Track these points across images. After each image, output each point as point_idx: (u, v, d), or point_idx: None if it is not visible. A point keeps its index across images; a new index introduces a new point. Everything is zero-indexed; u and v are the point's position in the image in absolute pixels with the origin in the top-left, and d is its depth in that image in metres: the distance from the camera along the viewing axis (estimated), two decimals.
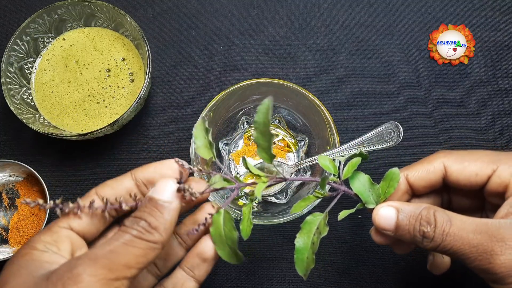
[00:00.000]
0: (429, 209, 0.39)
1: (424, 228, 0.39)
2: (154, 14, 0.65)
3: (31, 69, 0.61)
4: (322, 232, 0.42)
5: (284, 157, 0.60)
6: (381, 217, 0.41)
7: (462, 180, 0.42)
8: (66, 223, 0.37)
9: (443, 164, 0.43)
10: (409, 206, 0.40)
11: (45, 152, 0.62)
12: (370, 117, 0.62)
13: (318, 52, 0.64)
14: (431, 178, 0.43)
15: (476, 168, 0.41)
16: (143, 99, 0.58)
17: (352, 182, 0.44)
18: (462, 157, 0.43)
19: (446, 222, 0.38)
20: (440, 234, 0.38)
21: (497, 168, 0.41)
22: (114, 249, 0.34)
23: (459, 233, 0.38)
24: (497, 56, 0.63)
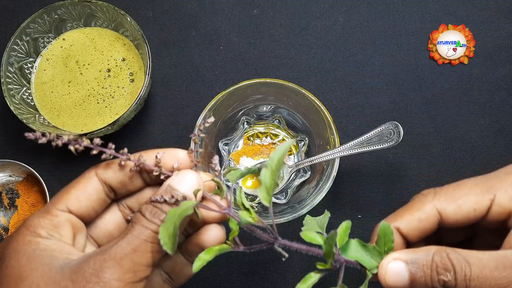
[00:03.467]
0: (441, 252, 0.35)
1: (444, 277, 0.35)
2: (154, 14, 0.65)
3: (31, 69, 0.61)
4: None
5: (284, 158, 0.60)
6: (391, 275, 0.36)
7: (461, 220, 0.38)
8: (64, 205, 0.36)
9: (435, 209, 0.38)
10: (417, 253, 0.36)
11: (45, 152, 0.62)
12: (370, 117, 0.62)
13: (318, 52, 0.64)
14: (426, 226, 0.39)
15: (472, 203, 0.38)
16: (143, 99, 0.58)
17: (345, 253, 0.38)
18: (452, 194, 0.38)
19: (465, 264, 0.34)
20: (463, 279, 0.34)
21: (495, 196, 0.37)
22: (137, 248, 0.33)
23: (482, 273, 0.34)
24: (497, 56, 0.63)
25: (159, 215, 0.34)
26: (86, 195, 0.36)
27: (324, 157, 0.53)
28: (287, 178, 0.59)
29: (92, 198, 0.37)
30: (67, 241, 0.35)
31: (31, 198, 0.60)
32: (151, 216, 0.34)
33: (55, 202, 0.36)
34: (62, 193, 0.36)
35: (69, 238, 0.35)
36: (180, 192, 0.35)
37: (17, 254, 0.33)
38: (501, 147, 0.61)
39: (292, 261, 0.58)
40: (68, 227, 0.35)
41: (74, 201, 0.36)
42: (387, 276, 0.36)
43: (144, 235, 0.33)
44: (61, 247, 0.34)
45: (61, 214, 0.35)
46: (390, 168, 0.61)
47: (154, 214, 0.34)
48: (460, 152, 0.61)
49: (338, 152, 0.53)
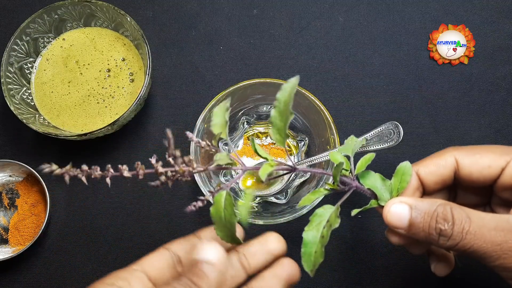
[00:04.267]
0: (445, 205, 0.37)
1: (441, 226, 0.37)
2: (154, 14, 0.65)
3: (31, 69, 0.61)
4: (333, 224, 0.39)
5: (284, 157, 0.60)
6: (393, 215, 0.39)
7: (475, 173, 0.41)
8: (140, 266, 0.38)
9: (454, 158, 0.41)
10: (423, 202, 0.38)
11: (45, 152, 0.62)
12: (370, 117, 0.62)
13: (318, 52, 0.64)
14: (443, 172, 0.41)
15: (489, 160, 0.40)
16: (143, 99, 0.58)
17: (363, 179, 0.42)
18: (474, 150, 0.41)
19: (465, 219, 0.36)
20: (459, 232, 0.36)
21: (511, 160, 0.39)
22: None
23: (479, 230, 0.36)
24: (497, 56, 0.63)
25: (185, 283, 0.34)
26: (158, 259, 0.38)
27: (324, 157, 0.53)
28: (287, 178, 0.59)
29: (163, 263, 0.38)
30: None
31: (31, 198, 0.60)
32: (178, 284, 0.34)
33: (132, 264, 0.38)
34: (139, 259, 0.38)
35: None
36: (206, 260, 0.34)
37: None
38: None
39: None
40: (139, 282, 0.36)
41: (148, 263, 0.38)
42: (389, 215, 0.39)
43: None
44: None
45: (135, 272, 0.37)
46: (390, 168, 0.61)
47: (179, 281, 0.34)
48: None
49: None
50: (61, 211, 0.61)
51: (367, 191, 0.42)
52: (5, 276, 0.60)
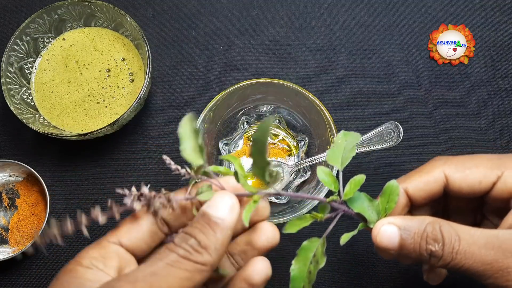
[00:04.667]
0: (434, 224, 0.36)
1: (432, 247, 0.36)
2: (154, 14, 0.65)
3: (31, 69, 0.61)
4: (320, 263, 0.38)
5: (284, 157, 0.60)
6: (382, 237, 0.38)
7: (465, 189, 0.39)
8: (115, 238, 0.35)
9: (443, 173, 0.40)
10: (411, 221, 0.37)
11: (45, 152, 0.62)
12: (370, 117, 0.62)
13: (318, 52, 0.64)
14: (432, 189, 0.40)
15: (480, 175, 0.39)
16: (143, 99, 0.58)
17: (350, 201, 0.40)
18: (463, 163, 0.40)
19: (455, 238, 0.35)
20: (450, 252, 0.35)
21: (502, 174, 0.38)
22: (156, 271, 0.31)
23: (470, 249, 0.35)
24: (497, 56, 0.63)
25: (188, 240, 0.32)
26: (137, 227, 0.36)
27: (324, 157, 0.53)
28: (287, 178, 0.59)
29: (143, 230, 0.36)
30: (110, 272, 0.34)
31: (31, 198, 0.60)
32: (180, 242, 0.33)
33: (108, 235, 0.36)
34: (116, 227, 0.36)
35: (114, 269, 0.34)
36: (216, 216, 0.33)
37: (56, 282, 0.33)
38: (501, 147, 0.61)
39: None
40: (115, 258, 0.34)
41: (126, 234, 0.35)
42: (378, 237, 0.38)
43: (169, 259, 0.32)
44: (99, 278, 0.33)
45: (110, 246, 0.35)
46: (390, 168, 0.61)
47: (183, 239, 0.33)
48: (460, 152, 0.61)
49: None
50: (61, 211, 0.61)
51: (354, 215, 0.40)
52: (5, 276, 0.60)
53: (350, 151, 0.40)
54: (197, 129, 0.35)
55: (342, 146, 0.41)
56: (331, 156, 0.41)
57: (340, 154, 0.41)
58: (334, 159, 0.41)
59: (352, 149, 0.40)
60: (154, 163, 0.61)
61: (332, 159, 0.41)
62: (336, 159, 0.41)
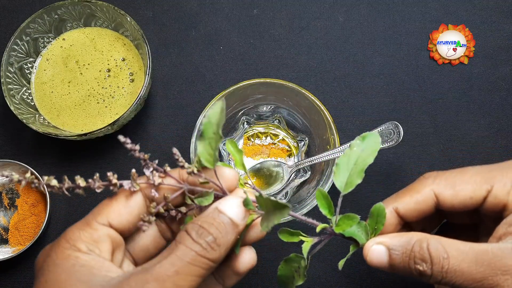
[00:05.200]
0: (421, 242, 0.36)
1: (420, 267, 0.36)
2: (154, 14, 0.65)
3: (31, 69, 0.61)
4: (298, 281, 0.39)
5: (284, 157, 0.60)
6: (372, 256, 0.38)
7: (457, 205, 0.39)
8: (105, 219, 0.35)
9: (433, 192, 0.40)
10: (400, 239, 0.37)
11: (45, 152, 0.62)
12: (370, 117, 0.62)
13: (318, 52, 0.64)
14: (422, 208, 0.40)
15: (469, 191, 0.38)
16: (143, 99, 0.58)
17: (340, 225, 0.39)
18: (453, 180, 0.39)
19: (443, 256, 0.35)
20: (439, 271, 0.35)
21: (492, 188, 0.38)
22: (180, 270, 0.32)
23: (459, 267, 0.35)
24: (497, 56, 0.63)
25: (205, 236, 0.33)
26: (128, 209, 0.35)
27: (324, 157, 0.53)
28: (287, 178, 0.59)
29: (134, 212, 0.36)
30: (106, 257, 0.34)
31: (31, 198, 0.60)
32: (197, 237, 0.33)
33: (96, 214, 0.35)
34: (103, 205, 0.35)
35: (108, 254, 0.34)
36: (228, 215, 0.34)
37: (56, 268, 0.33)
38: (501, 147, 0.61)
39: None
40: (107, 242, 0.34)
41: (116, 215, 0.35)
42: (368, 257, 0.38)
43: (188, 257, 0.32)
44: (100, 264, 0.33)
45: (101, 228, 0.34)
46: (390, 168, 0.61)
47: (200, 234, 0.33)
48: (460, 152, 0.61)
49: (338, 152, 0.53)
50: (61, 211, 0.61)
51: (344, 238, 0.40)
52: (5, 276, 0.60)
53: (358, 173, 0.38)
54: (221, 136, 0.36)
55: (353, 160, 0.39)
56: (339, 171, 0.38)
57: (348, 172, 0.39)
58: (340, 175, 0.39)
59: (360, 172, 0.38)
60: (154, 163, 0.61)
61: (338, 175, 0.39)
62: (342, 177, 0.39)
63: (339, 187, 0.38)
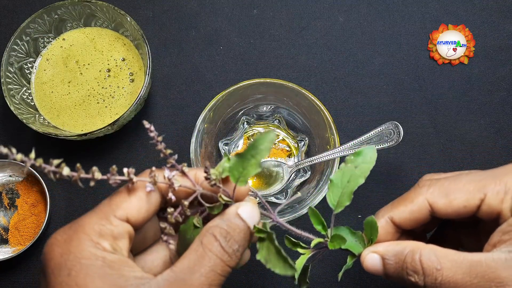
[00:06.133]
0: (414, 253, 0.36)
1: (412, 278, 0.36)
2: (154, 14, 0.65)
3: (31, 69, 0.61)
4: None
5: (284, 157, 0.60)
6: (368, 264, 0.39)
7: (452, 214, 0.39)
8: (124, 214, 0.34)
9: (427, 202, 0.40)
10: (394, 248, 0.38)
11: (45, 152, 0.62)
12: (370, 117, 0.62)
13: (318, 52, 0.64)
14: (417, 217, 0.40)
15: (463, 200, 0.38)
16: (143, 99, 0.58)
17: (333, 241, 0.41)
18: (446, 189, 0.39)
19: (436, 268, 0.35)
20: (432, 283, 0.35)
21: (485, 196, 0.38)
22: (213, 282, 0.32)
23: (453, 278, 0.35)
24: (497, 56, 0.63)
25: (233, 245, 0.33)
26: (148, 206, 0.35)
27: (324, 157, 0.53)
28: (287, 178, 0.59)
29: (151, 210, 0.35)
30: (125, 254, 0.34)
31: (31, 198, 0.60)
32: (226, 245, 0.33)
33: (115, 208, 0.34)
34: (121, 198, 0.35)
35: (126, 251, 0.34)
36: (247, 223, 0.35)
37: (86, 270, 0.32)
38: (501, 147, 0.61)
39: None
40: (126, 239, 0.34)
41: (135, 211, 0.34)
42: (365, 264, 0.39)
43: (219, 268, 0.33)
44: (125, 264, 0.33)
45: (121, 225, 0.34)
46: (390, 168, 0.61)
47: (228, 241, 0.33)
48: (460, 152, 0.61)
49: (338, 152, 0.53)
50: (61, 211, 0.61)
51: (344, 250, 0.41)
52: (5, 276, 0.60)
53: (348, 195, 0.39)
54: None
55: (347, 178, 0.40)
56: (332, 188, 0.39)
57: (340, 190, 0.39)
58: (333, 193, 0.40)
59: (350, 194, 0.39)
60: (154, 163, 0.61)
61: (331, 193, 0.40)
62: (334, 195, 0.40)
63: (331, 205, 0.39)
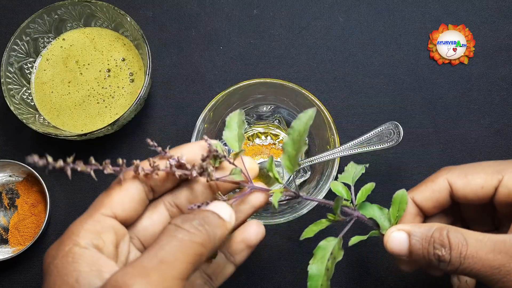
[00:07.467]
0: (442, 229, 0.38)
1: (439, 252, 0.37)
2: (154, 14, 0.65)
3: (31, 69, 0.61)
4: (337, 257, 0.40)
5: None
6: (393, 242, 0.40)
7: (469, 194, 0.41)
8: (109, 210, 0.34)
9: (447, 181, 0.42)
10: (420, 227, 0.39)
11: (45, 152, 0.62)
12: (370, 117, 0.62)
13: (318, 52, 0.64)
14: (438, 197, 0.42)
15: (481, 180, 0.40)
16: (143, 99, 0.58)
17: (362, 210, 0.43)
18: (465, 171, 0.41)
19: (462, 243, 0.37)
20: (457, 256, 0.37)
21: (503, 178, 0.40)
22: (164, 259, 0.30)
23: (477, 254, 0.36)
24: (497, 56, 0.63)
25: (191, 220, 0.32)
26: (129, 197, 0.35)
27: (324, 157, 0.53)
28: (287, 178, 0.59)
29: (135, 199, 0.35)
30: (109, 249, 0.33)
31: (31, 198, 0.60)
32: (182, 223, 0.32)
33: (99, 206, 0.34)
34: (103, 197, 0.35)
35: (112, 245, 0.34)
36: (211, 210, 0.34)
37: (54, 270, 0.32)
38: (501, 147, 0.61)
39: (292, 262, 0.58)
40: (111, 233, 0.34)
41: (119, 204, 0.35)
42: (389, 243, 0.40)
43: (172, 244, 0.31)
44: (95, 260, 0.32)
45: (105, 220, 0.34)
46: (390, 168, 0.61)
47: (185, 221, 0.32)
48: (460, 152, 0.61)
49: (338, 152, 0.53)
50: (61, 211, 0.61)
51: (368, 220, 0.42)
52: (5, 276, 0.60)
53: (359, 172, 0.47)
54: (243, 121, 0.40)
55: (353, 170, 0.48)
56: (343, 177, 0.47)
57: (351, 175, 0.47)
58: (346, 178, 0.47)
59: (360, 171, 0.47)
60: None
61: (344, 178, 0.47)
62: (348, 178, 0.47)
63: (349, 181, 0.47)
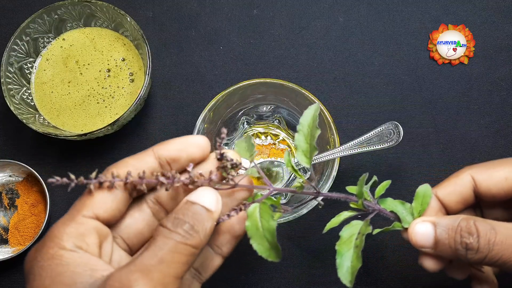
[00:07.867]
0: (468, 219, 0.38)
1: (467, 240, 0.37)
2: (154, 14, 0.65)
3: (31, 69, 0.61)
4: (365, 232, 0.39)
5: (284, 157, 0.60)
6: (417, 234, 0.39)
7: (493, 187, 0.41)
8: (91, 211, 0.33)
9: (470, 176, 0.41)
10: (445, 218, 0.39)
11: (45, 152, 0.62)
12: (370, 117, 0.62)
13: (318, 52, 0.64)
14: (461, 191, 0.42)
15: (504, 172, 0.40)
16: (143, 99, 0.58)
17: (383, 204, 0.42)
18: (488, 165, 0.42)
19: (490, 230, 0.36)
20: (486, 243, 0.36)
21: None
22: (163, 258, 0.31)
23: (506, 241, 0.36)
24: (497, 56, 0.63)
25: (182, 225, 0.33)
26: (111, 196, 0.35)
27: (324, 157, 0.53)
28: (287, 178, 0.59)
29: (118, 199, 0.35)
30: (94, 250, 0.33)
31: (31, 198, 0.60)
32: (174, 227, 0.33)
33: (80, 208, 0.34)
34: (85, 198, 0.35)
35: (96, 247, 0.33)
36: (200, 204, 0.34)
37: (41, 272, 0.32)
38: (501, 147, 0.61)
39: (292, 262, 0.58)
40: (94, 235, 0.33)
41: (101, 204, 0.34)
42: (413, 235, 0.39)
43: (169, 245, 0.32)
44: (86, 261, 0.32)
45: (87, 222, 0.33)
46: (390, 168, 0.61)
47: (176, 224, 0.33)
48: (460, 152, 0.61)
49: (338, 152, 0.53)
50: (61, 211, 0.61)
51: (390, 214, 0.42)
52: (5, 276, 0.60)
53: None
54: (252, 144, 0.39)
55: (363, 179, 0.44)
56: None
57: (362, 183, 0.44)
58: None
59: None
60: None
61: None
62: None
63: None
